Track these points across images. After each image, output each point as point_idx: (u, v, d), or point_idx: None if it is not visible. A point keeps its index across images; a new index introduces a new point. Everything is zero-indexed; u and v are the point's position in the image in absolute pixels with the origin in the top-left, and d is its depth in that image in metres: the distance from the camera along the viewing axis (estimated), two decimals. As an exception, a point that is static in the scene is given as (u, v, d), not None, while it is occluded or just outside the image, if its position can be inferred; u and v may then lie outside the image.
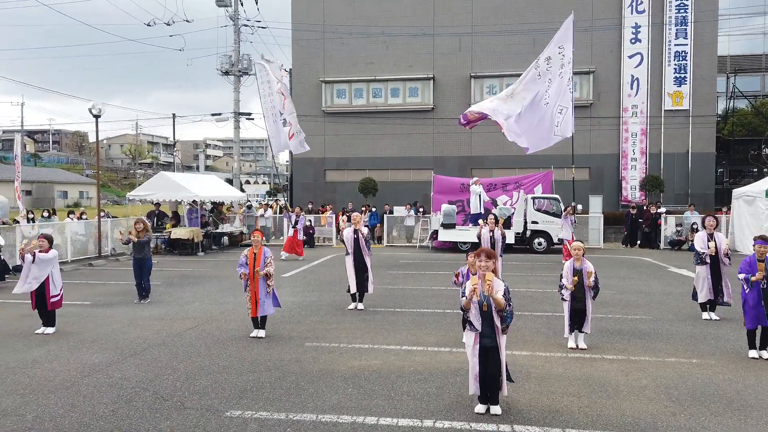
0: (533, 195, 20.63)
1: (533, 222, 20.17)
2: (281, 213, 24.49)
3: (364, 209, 23.17)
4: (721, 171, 34.97)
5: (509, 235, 18.69)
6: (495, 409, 5.35)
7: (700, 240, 9.43)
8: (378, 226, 23.28)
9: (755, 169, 33.67)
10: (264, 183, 71.14)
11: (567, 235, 16.12)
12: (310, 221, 22.63)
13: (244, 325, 8.74)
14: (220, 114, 35.27)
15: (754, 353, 7.15)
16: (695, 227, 18.80)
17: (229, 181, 32.44)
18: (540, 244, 20.16)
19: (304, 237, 21.47)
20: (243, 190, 33.57)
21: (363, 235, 10.23)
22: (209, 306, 10.58)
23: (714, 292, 9.27)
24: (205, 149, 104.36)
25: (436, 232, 20.63)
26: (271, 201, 37.79)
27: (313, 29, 30.35)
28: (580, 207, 16.76)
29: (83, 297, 11.47)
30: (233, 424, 5.14)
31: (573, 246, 7.60)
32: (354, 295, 10.32)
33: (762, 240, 7.19)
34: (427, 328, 8.78)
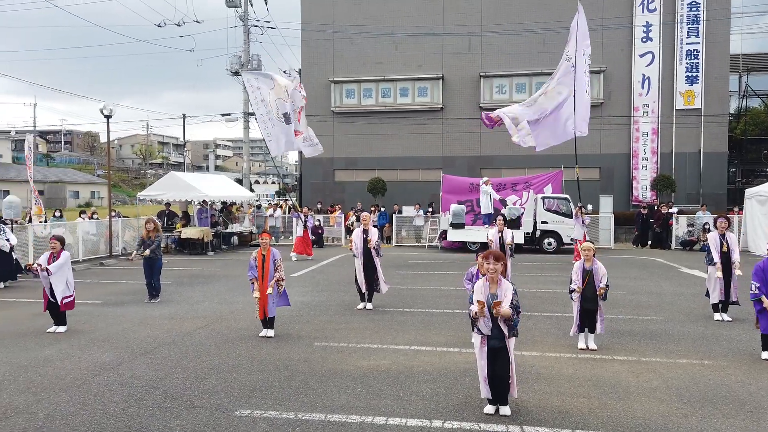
0: (543, 195, 20.54)
1: (543, 222, 20.08)
2: (290, 213, 24.55)
3: (373, 209, 23.18)
4: (734, 171, 34.63)
5: (519, 236, 18.66)
6: (504, 410, 5.32)
7: (713, 241, 9.35)
8: (387, 226, 23.28)
9: (768, 169, 33.38)
10: (273, 183, 71.38)
11: (579, 236, 16.02)
12: (318, 221, 22.67)
13: (253, 325, 8.76)
14: (229, 114, 35.52)
15: (767, 355, 7.08)
16: (707, 227, 18.64)
17: (239, 181, 32.57)
18: (550, 244, 20.07)
19: (313, 237, 21.54)
20: (252, 190, 33.71)
21: (371, 244, 10.17)
22: (219, 305, 10.62)
23: (725, 293, 9.22)
24: (215, 149, 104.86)
25: (445, 232, 20.60)
26: (280, 201, 37.86)
27: (323, 29, 30.40)
28: (590, 207, 16.62)
29: (94, 296, 11.56)
30: (242, 423, 5.15)
31: (583, 247, 7.53)
32: (363, 295, 10.31)
33: None
34: (436, 328, 8.77)
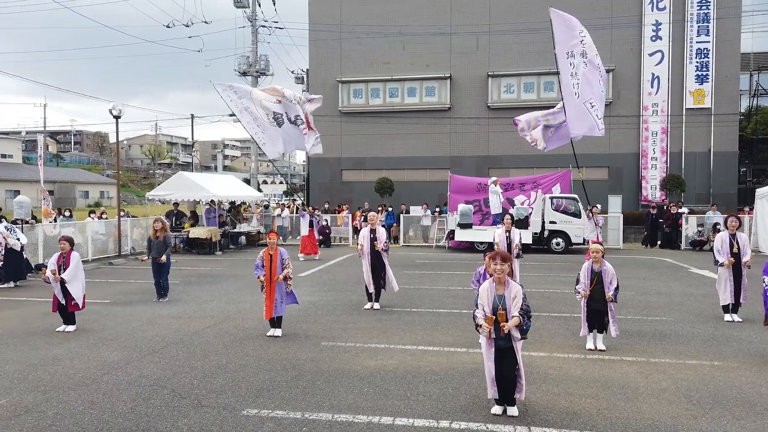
0: (551, 195, 20.45)
1: (551, 222, 20.00)
2: (297, 213, 24.59)
3: (380, 209, 23.18)
4: (744, 170, 34.34)
5: (527, 236, 18.59)
6: (512, 411, 5.30)
7: (720, 241, 9.26)
8: (394, 225, 23.27)
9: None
10: (281, 183, 71.51)
11: (592, 236, 15.94)
12: (326, 221, 22.69)
13: (260, 324, 8.78)
14: (237, 114, 35.47)
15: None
16: (718, 228, 18.48)
17: (247, 181, 32.68)
18: (558, 244, 19.98)
19: (320, 237, 21.57)
20: (260, 190, 33.79)
21: (380, 245, 10.15)
22: (226, 305, 10.65)
23: (736, 295, 9.12)
24: (223, 149, 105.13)
25: (452, 231, 20.56)
26: (288, 201, 37.91)
27: (330, 29, 30.43)
28: (599, 207, 16.53)
29: (103, 295, 11.63)
30: (249, 422, 5.16)
31: (592, 248, 7.46)
32: (370, 295, 10.31)
33: None
34: (444, 328, 8.75)
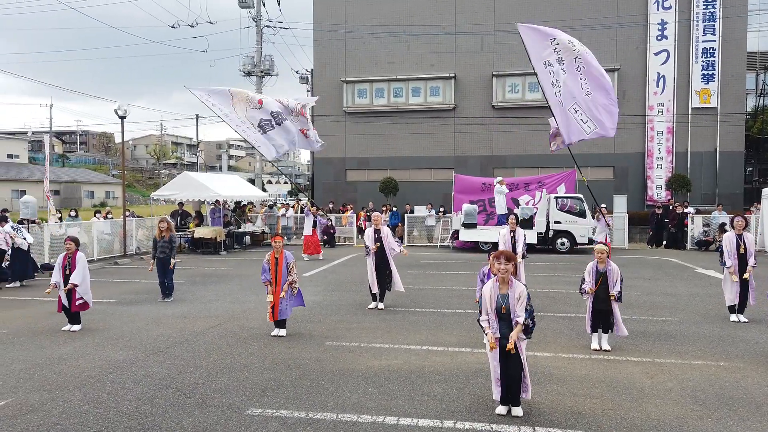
0: (556, 195, 20.41)
1: (556, 222, 19.94)
2: (302, 212, 24.62)
3: (384, 209, 23.17)
4: (750, 170, 34.18)
5: (531, 235, 18.53)
6: (516, 411, 5.29)
7: (727, 241, 9.21)
8: (399, 225, 23.26)
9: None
10: (286, 183, 71.59)
11: (601, 237, 15.91)
12: (330, 221, 22.70)
13: (265, 324, 8.79)
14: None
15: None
16: (726, 228, 18.37)
17: (252, 181, 32.72)
18: (563, 244, 19.92)
19: (324, 237, 21.60)
20: (265, 189, 33.80)
21: (388, 242, 10.17)
22: (231, 304, 10.67)
23: (742, 295, 9.08)
24: (228, 149, 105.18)
25: (457, 231, 20.54)
26: (292, 201, 37.95)
27: (335, 29, 30.45)
28: (604, 206, 16.52)
29: (109, 295, 11.67)
30: (254, 422, 5.16)
31: (596, 248, 7.44)
32: (374, 295, 10.30)
33: None
34: (448, 328, 8.73)
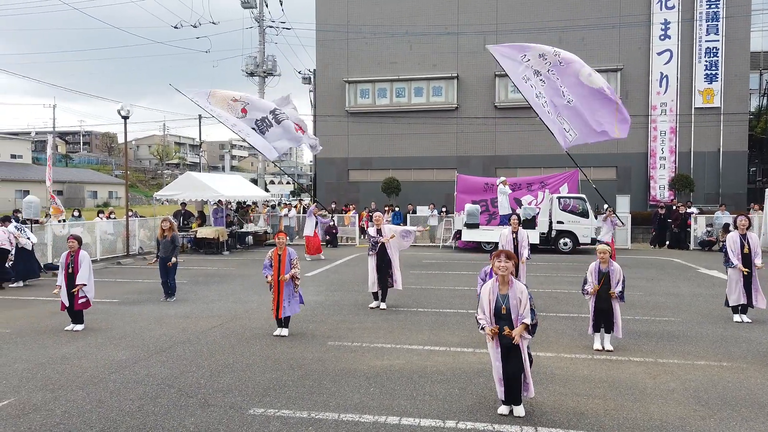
0: (559, 195, 20.38)
1: (558, 222, 19.91)
2: (305, 213, 24.63)
3: (387, 209, 23.17)
4: (754, 170, 34.08)
5: (534, 236, 18.50)
6: (518, 411, 5.28)
7: (732, 241, 9.18)
8: (401, 225, 23.24)
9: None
10: (288, 183, 71.68)
11: (607, 237, 15.89)
12: (333, 221, 22.71)
13: (267, 324, 8.80)
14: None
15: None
16: (729, 229, 18.33)
17: (254, 181, 32.77)
18: (565, 244, 19.90)
19: (327, 237, 21.62)
20: (267, 190, 33.87)
21: (394, 232, 10.22)
22: (233, 304, 10.68)
23: (747, 295, 9.04)
24: (231, 150, 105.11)
25: (459, 231, 20.52)
26: (294, 201, 37.98)
27: (337, 29, 30.47)
28: (606, 206, 16.50)
29: (111, 295, 11.69)
30: (256, 421, 5.17)
31: (598, 249, 7.42)
32: (376, 294, 10.30)
33: None
34: (450, 328, 8.73)
